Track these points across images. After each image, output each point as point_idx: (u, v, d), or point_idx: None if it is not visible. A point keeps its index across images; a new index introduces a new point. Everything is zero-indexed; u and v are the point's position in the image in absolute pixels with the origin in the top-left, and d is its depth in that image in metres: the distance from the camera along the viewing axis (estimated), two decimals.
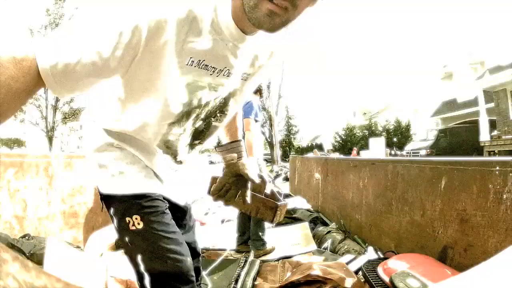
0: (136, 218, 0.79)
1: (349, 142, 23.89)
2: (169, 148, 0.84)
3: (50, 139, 17.83)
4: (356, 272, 1.46)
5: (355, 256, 1.73)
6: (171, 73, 0.66)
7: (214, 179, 1.01)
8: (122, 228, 0.81)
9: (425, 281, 1.07)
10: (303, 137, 33.89)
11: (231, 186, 0.91)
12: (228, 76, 0.73)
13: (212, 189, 0.92)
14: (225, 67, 0.71)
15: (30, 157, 1.90)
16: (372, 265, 1.39)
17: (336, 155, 15.75)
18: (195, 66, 0.67)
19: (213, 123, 0.86)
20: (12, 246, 1.53)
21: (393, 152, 17.13)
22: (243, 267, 1.85)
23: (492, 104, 12.60)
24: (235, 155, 0.93)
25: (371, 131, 23.21)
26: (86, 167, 2.19)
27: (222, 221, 3.06)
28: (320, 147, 25.82)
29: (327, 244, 2.10)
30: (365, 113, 30.26)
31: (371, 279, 1.26)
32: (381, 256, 1.71)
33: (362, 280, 1.36)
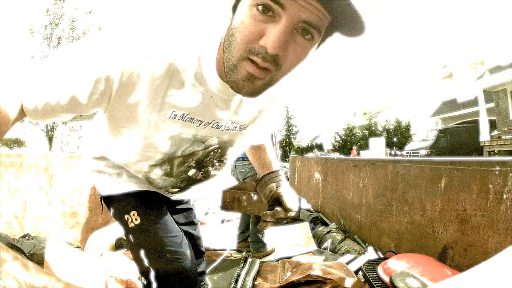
0: (133, 214, 0.80)
1: (349, 142, 23.89)
2: (153, 184, 0.83)
3: (50, 139, 17.83)
4: (356, 272, 1.46)
5: (355, 256, 1.73)
6: (151, 125, 0.61)
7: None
8: (124, 227, 0.83)
9: (425, 281, 1.07)
10: (303, 137, 33.89)
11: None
12: (217, 127, 0.68)
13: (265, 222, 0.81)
14: (213, 120, 0.66)
15: (30, 157, 1.90)
16: (372, 265, 1.39)
17: (336, 155, 15.74)
18: (178, 119, 0.62)
19: (212, 172, 0.84)
20: (12, 246, 1.53)
21: (393, 152, 17.13)
22: (243, 267, 1.85)
23: (492, 104, 12.61)
24: (274, 185, 0.84)
25: (371, 131, 23.21)
26: (85, 171, 2.20)
27: (222, 221, 3.06)
28: (320, 147, 25.82)
29: (327, 244, 2.10)
30: (365, 113, 30.26)
31: (371, 279, 1.26)
32: (381, 256, 1.71)
33: (362, 280, 1.36)
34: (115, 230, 2.06)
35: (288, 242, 2.40)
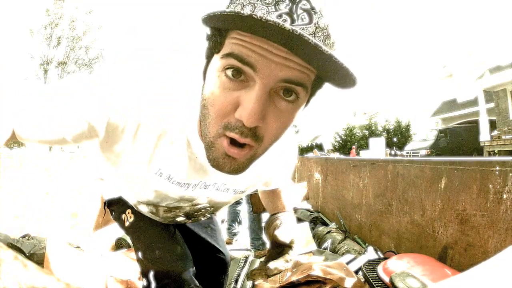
0: (128, 212, 0.82)
1: (349, 142, 23.88)
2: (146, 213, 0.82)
3: None
4: (356, 272, 1.46)
5: (355, 256, 1.73)
6: (135, 174, 0.59)
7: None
8: (122, 227, 0.85)
9: (425, 281, 1.07)
10: (303, 137, 33.88)
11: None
12: (205, 188, 0.64)
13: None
14: (200, 181, 0.61)
15: (30, 157, 1.90)
16: (372, 265, 1.39)
17: (336, 155, 15.75)
18: (164, 179, 0.58)
19: (202, 219, 0.84)
20: (12, 246, 1.53)
21: (393, 152, 17.13)
22: (243, 267, 1.85)
23: (492, 104, 12.60)
24: (271, 229, 0.77)
25: (371, 131, 23.20)
26: (90, 176, 2.19)
27: (222, 221, 3.06)
28: (320, 147, 25.82)
29: (327, 244, 2.10)
30: (365, 113, 30.26)
31: (371, 279, 1.26)
32: (381, 256, 1.71)
33: (362, 280, 1.36)
34: (115, 230, 2.06)
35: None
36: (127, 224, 0.82)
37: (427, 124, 19.58)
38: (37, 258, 1.48)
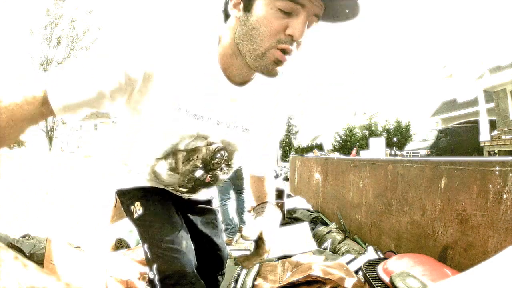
0: (137, 205, 0.84)
1: (349, 142, 23.88)
2: (160, 180, 0.85)
3: (50, 139, 17.82)
4: (356, 272, 1.46)
5: (355, 256, 1.73)
6: (157, 116, 0.68)
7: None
8: (130, 218, 0.87)
9: (425, 281, 1.07)
10: (303, 137, 33.89)
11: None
12: (218, 124, 0.73)
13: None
14: (214, 116, 0.72)
15: (30, 157, 1.90)
16: (372, 265, 1.39)
17: (336, 155, 15.75)
18: (182, 114, 0.68)
19: (220, 176, 0.87)
20: (12, 246, 1.53)
21: (393, 152, 17.12)
22: (243, 267, 1.85)
23: (492, 104, 12.60)
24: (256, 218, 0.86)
25: (371, 131, 23.20)
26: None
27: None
28: (320, 147, 25.81)
29: (327, 244, 2.10)
30: (365, 113, 30.25)
31: (371, 279, 1.26)
32: (381, 256, 1.71)
33: (362, 280, 1.36)
34: (115, 230, 2.06)
35: (288, 241, 2.40)
36: (135, 215, 0.84)
37: (427, 124, 19.58)
38: (37, 258, 1.48)
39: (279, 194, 3.04)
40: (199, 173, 0.81)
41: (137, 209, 0.84)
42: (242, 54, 0.62)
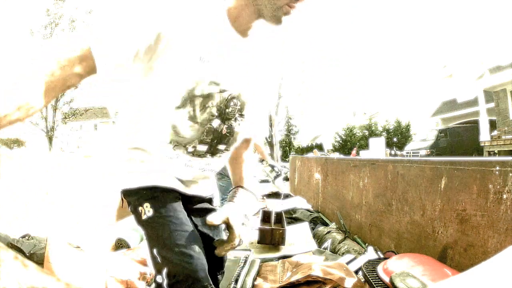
0: (146, 206, 0.82)
1: (349, 142, 23.88)
2: (180, 136, 0.84)
3: (50, 139, 17.83)
4: (356, 272, 1.47)
5: (355, 256, 1.73)
6: (172, 66, 0.77)
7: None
8: (138, 222, 0.84)
9: (425, 281, 1.07)
10: (303, 137, 33.89)
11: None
12: (227, 72, 0.81)
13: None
14: (223, 63, 0.80)
15: (30, 157, 1.90)
16: (372, 265, 1.39)
17: (336, 155, 15.75)
18: (196, 61, 0.77)
19: (236, 129, 0.89)
20: (12, 246, 1.53)
21: (393, 152, 17.13)
22: (243, 267, 1.85)
23: (492, 104, 12.61)
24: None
25: (371, 131, 23.21)
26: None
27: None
28: (320, 147, 25.81)
29: (327, 244, 2.10)
30: (365, 113, 30.25)
31: (371, 279, 1.26)
32: (381, 256, 1.71)
33: (362, 280, 1.36)
34: (115, 230, 2.06)
35: (288, 241, 2.40)
36: (144, 217, 0.81)
37: (427, 124, 19.59)
38: (37, 258, 1.48)
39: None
40: (216, 122, 0.85)
41: (147, 210, 0.81)
42: (259, 4, 0.75)
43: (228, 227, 0.84)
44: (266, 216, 2.51)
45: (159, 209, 0.82)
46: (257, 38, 0.85)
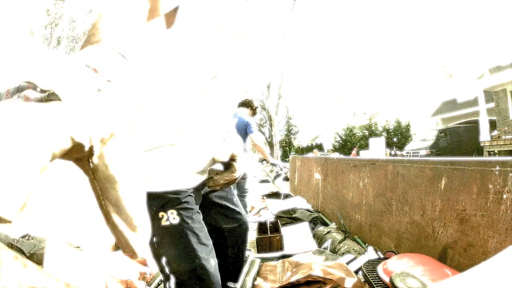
0: (171, 212, 0.78)
1: (349, 142, 23.87)
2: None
3: None
4: (356, 272, 1.46)
5: (355, 256, 1.73)
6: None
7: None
8: (156, 226, 0.80)
9: (425, 281, 1.07)
10: (303, 137, 33.88)
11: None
12: None
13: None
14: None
15: None
16: (372, 265, 1.39)
17: (336, 155, 15.75)
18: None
19: None
20: (12, 246, 1.53)
21: (393, 152, 17.12)
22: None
23: (492, 104, 12.60)
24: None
25: (371, 131, 23.20)
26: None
27: None
28: (320, 147, 25.80)
29: (327, 244, 2.10)
30: (365, 113, 30.24)
31: (371, 279, 1.26)
32: (381, 256, 1.71)
33: (362, 280, 1.36)
34: None
35: (288, 241, 2.40)
36: (166, 223, 0.78)
37: (427, 124, 19.58)
38: (37, 258, 1.48)
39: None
40: None
41: (171, 217, 0.78)
42: None
43: (233, 161, 0.89)
44: (262, 227, 2.57)
45: (186, 219, 0.79)
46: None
